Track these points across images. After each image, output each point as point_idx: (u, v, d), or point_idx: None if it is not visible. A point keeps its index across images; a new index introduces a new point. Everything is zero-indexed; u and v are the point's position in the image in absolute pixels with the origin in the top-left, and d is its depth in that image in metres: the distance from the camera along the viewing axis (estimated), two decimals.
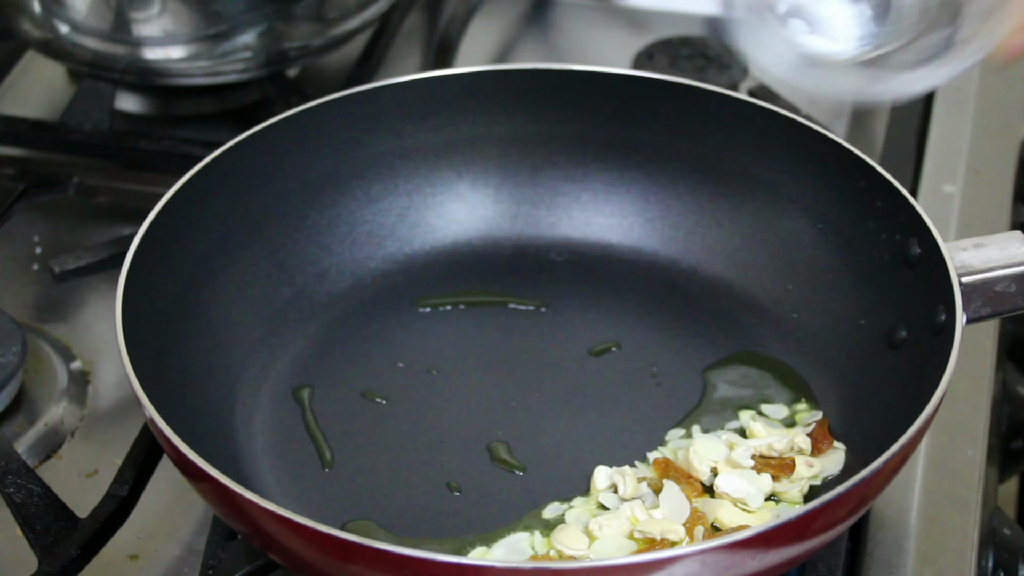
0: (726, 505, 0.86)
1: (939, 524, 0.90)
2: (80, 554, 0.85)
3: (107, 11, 1.15)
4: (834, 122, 1.21)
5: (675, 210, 1.04)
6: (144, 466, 0.89)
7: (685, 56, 1.23)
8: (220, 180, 0.96)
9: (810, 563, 0.86)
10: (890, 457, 0.78)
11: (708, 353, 0.97)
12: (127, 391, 0.97)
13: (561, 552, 0.84)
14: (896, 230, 0.93)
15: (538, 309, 1.01)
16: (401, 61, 1.26)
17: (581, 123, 1.04)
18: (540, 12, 1.34)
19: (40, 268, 1.09)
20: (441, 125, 1.04)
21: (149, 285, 0.90)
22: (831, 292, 0.97)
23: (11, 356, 0.96)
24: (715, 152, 1.02)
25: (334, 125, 1.01)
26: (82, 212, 1.13)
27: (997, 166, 1.15)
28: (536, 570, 0.74)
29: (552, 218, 1.05)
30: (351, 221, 1.03)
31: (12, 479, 0.88)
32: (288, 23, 1.17)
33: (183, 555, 0.90)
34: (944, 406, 0.83)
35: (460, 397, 0.95)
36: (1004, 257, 0.88)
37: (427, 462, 0.91)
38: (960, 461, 0.94)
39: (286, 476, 0.90)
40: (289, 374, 0.96)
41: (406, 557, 0.74)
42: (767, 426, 0.91)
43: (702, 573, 0.75)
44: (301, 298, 1.00)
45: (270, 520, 0.77)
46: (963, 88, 1.21)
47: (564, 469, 0.90)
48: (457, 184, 1.05)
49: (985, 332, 1.02)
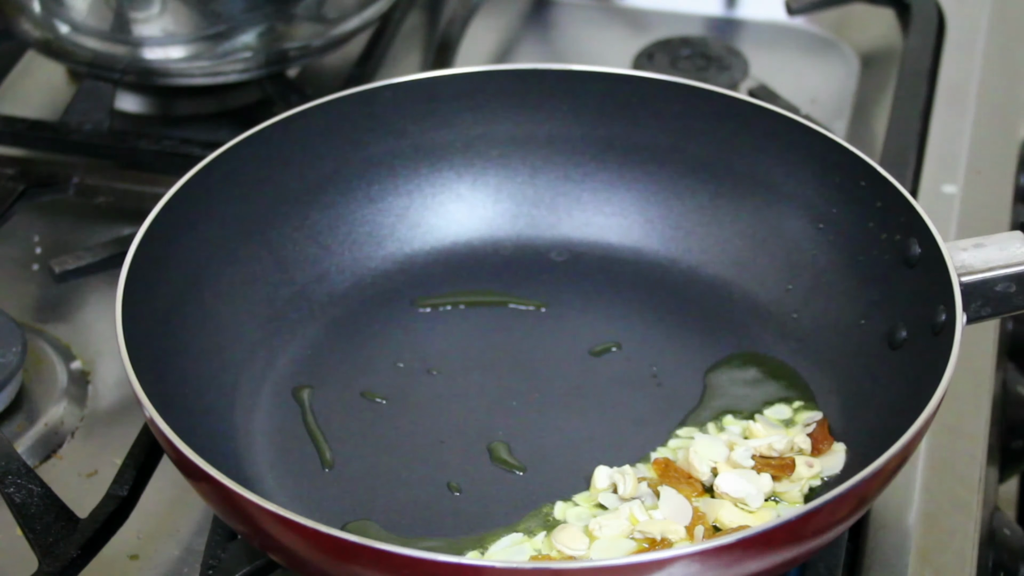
0: (726, 505, 0.86)
1: (939, 524, 0.90)
2: (80, 554, 0.85)
3: (107, 11, 1.15)
4: (834, 122, 1.21)
5: (675, 210, 1.04)
6: (144, 466, 0.89)
7: (685, 56, 1.23)
8: (220, 180, 0.96)
9: (810, 563, 0.86)
10: (890, 457, 0.78)
11: (708, 353, 0.97)
12: (127, 391, 0.97)
13: (561, 552, 0.84)
14: (896, 230, 0.93)
15: (538, 309, 1.01)
16: (401, 61, 1.27)
17: (581, 123, 1.04)
18: (540, 12, 1.34)
19: (40, 268, 1.09)
20: (441, 125, 1.04)
21: (149, 285, 0.90)
22: (831, 292, 0.97)
23: (11, 356, 0.96)
24: (715, 152, 1.02)
25: (334, 125, 1.01)
26: (82, 212, 1.13)
27: (997, 166, 1.15)
28: (536, 570, 0.74)
29: (552, 218, 1.05)
30: (351, 221, 1.03)
31: (12, 479, 0.88)
32: (288, 23, 1.16)
33: (183, 555, 0.90)
34: (944, 406, 0.83)
35: (460, 397, 0.95)
36: (1004, 257, 0.88)
37: (427, 462, 0.91)
38: (960, 461, 0.94)
39: (286, 476, 0.90)
40: (289, 374, 0.96)
41: (406, 557, 0.74)
42: (767, 426, 0.91)
43: (702, 573, 0.75)
44: (301, 298, 1.00)
45: (270, 520, 0.77)
46: (963, 88, 1.21)
47: (564, 469, 0.90)
48: (457, 184, 1.05)
49: (985, 332, 1.02)
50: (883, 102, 1.20)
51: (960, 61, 1.23)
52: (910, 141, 1.13)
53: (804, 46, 1.30)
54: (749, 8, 1.33)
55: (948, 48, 1.24)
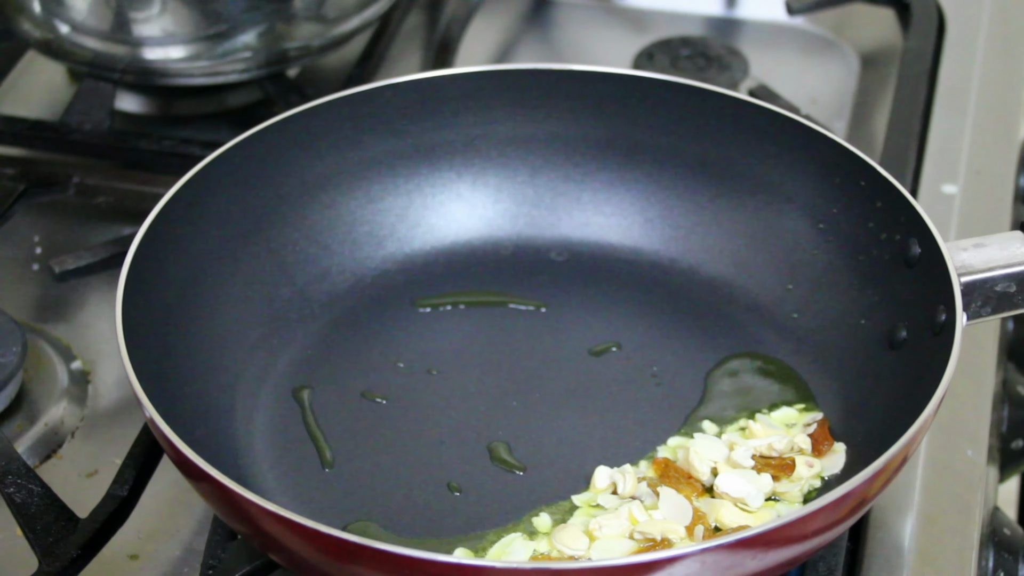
0: (726, 505, 0.86)
1: (939, 524, 0.90)
2: (80, 554, 0.85)
3: (107, 11, 1.15)
4: (834, 122, 1.21)
5: (675, 210, 1.04)
6: (144, 466, 0.89)
7: (685, 56, 1.23)
8: (220, 180, 0.96)
9: (810, 563, 0.86)
10: (890, 457, 0.79)
11: (708, 353, 0.97)
12: (127, 391, 0.97)
13: (561, 552, 0.84)
14: (896, 230, 0.93)
15: (538, 309, 1.01)
16: (401, 61, 1.27)
17: (581, 123, 1.04)
18: (540, 12, 1.34)
19: (40, 268, 1.09)
20: (441, 125, 1.04)
21: (149, 285, 0.90)
22: (831, 292, 0.97)
23: (11, 356, 0.96)
24: (715, 152, 1.02)
25: (334, 125, 1.01)
26: (82, 212, 1.13)
27: (997, 166, 1.15)
28: (536, 570, 0.74)
29: (552, 218, 1.05)
30: (351, 221, 1.03)
31: (12, 479, 0.88)
32: (288, 23, 1.16)
33: (183, 555, 0.90)
34: (944, 406, 0.83)
35: (460, 397, 0.95)
36: (1004, 257, 0.88)
37: (427, 462, 0.91)
38: (960, 461, 0.94)
39: (286, 476, 0.90)
40: (289, 374, 0.96)
41: (406, 557, 0.74)
42: (767, 426, 0.91)
43: (702, 573, 0.75)
44: (301, 298, 1.00)
45: (270, 520, 0.77)
46: (963, 88, 1.21)
47: (564, 469, 0.90)
48: (457, 184, 1.05)
49: (985, 332, 1.02)
50: (883, 102, 1.20)
51: (960, 61, 1.24)
52: (910, 141, 1.13)
53: (804, 46, 1.30)
54: (749, 8, 1.33)
55: (948, 48, 1.24)
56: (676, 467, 0.89)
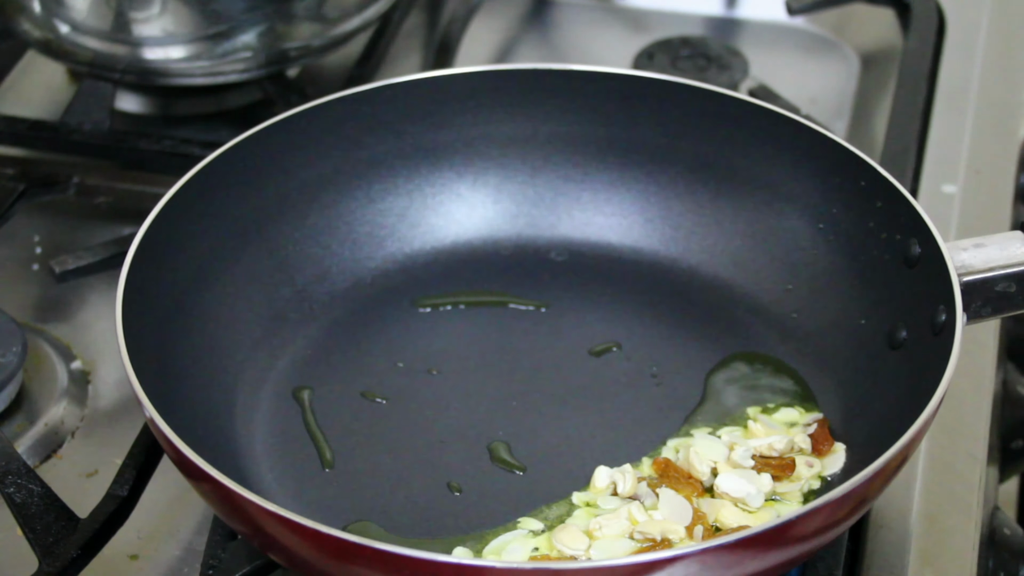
0: (726, 505, 0.86)
1: (939, 524, 0.90)
2: (80, 554, 0.85)
3: (107, 11, 1.15)
4: (834, 122, 1.21)
5: (675, 210, 1.04)
6: (144, 466, 0.89)
7: (685, 56, 1.23)
8: (220, 180, 0.96)
9: (810, 563, 0.86)
10: (890, 457, 0.78)
11: (708, 353, 0.97)
12: (127, 391, 0.97)
13: (561, 552, 0.84)
14: (896, 230, 0.93)
15: (538, 309, 1.01)
16: (401, 61, 1.27)
17: (581, 123, 1.04)
18: (540, 12, 1.34)
19: (40, 268, 1.09)
20: (441, 125, 1.04)
21: (149, 285, 0.90)
22: (831, 292, 0.97)
23: (11, 356, 0.96)
24: (715, 152, 1.02)
25: (334, 125, 1.01)
26: (82, 212, 1.13)
27: (997, 166, 1.15)
28: (536, 570, 0.74)
29: (552, 218, 1.05)
30: (351, 221, 1.03)
31: (12, 479, 0.88)
32: (288, 23, 1.16)
33: (183, 555, 0.90)
34: (944, 406, 0.83)
35: (460, 397, 0.95)
36: (1004, 257, 0.88)
37: (427, 462, 0.91)
38: (960, 461, 0.94)
39: (286, 476, 0.90)
40: (289, 374, 0.96)
41: (406, 557, 0.74)
42: (767, 426, 0.91)
43: (702, 573, 0.75)
44: (301, 298, 1.00)
45: (270, 520, 0.77)
46: (963, 88, 1.21)
47: (564, 469, 0.90)
48: (457, 184, 1.05)
49: (985, 332, 1.02)
50: (883, 102, 1.20)
51: (960, 61, 1.23)
52: (910, 141, 1.13)
53: (804, 46, 1.30)
54: (749, 8, 1.33)
55: (948, 48, 1.24)
56: (676, 467, 0.89)
